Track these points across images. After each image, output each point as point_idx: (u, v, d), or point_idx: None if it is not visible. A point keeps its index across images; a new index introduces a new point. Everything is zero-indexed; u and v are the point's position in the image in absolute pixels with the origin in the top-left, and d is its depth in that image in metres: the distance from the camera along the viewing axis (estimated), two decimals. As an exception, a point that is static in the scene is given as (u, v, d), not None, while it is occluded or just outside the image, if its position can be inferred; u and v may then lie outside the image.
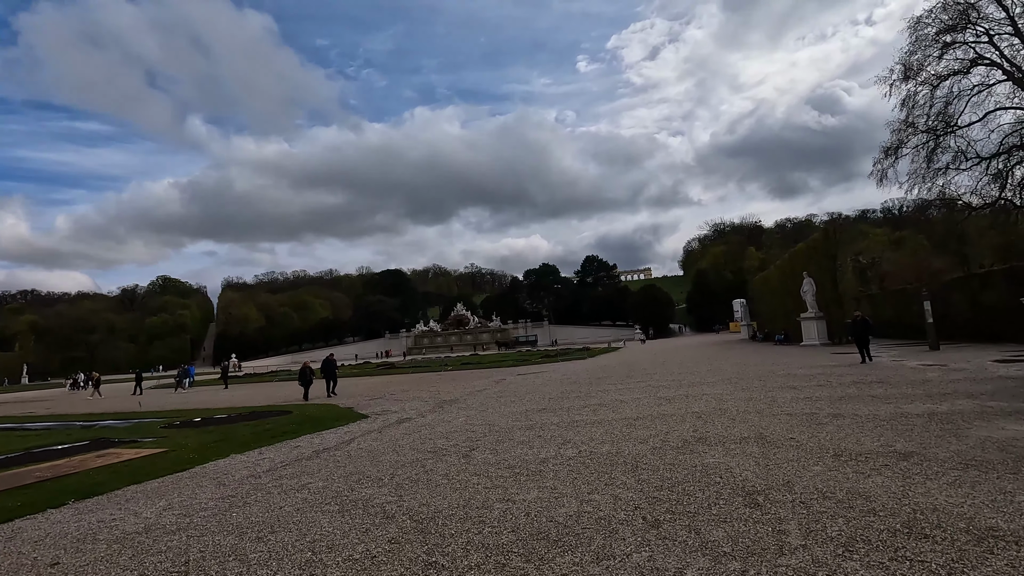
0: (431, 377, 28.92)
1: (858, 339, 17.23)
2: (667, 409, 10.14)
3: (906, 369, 13.89)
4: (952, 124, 37.70)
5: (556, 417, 10.28)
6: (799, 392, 10.87)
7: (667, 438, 7.44)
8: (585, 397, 13.19)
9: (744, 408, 9.49)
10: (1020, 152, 36.51)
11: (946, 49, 37.22)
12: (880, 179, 40.56)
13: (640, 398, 12.08)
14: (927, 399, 9.10)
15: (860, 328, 17.27)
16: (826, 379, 12.82)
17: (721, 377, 15.28)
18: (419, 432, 9.98)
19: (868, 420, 7.65)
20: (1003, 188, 36.52)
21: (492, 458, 7.10)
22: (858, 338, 17.22)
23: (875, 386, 10.98)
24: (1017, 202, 36.78)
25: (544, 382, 19.08)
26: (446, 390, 19.18)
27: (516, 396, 15.01)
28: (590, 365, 27.77)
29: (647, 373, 18.98)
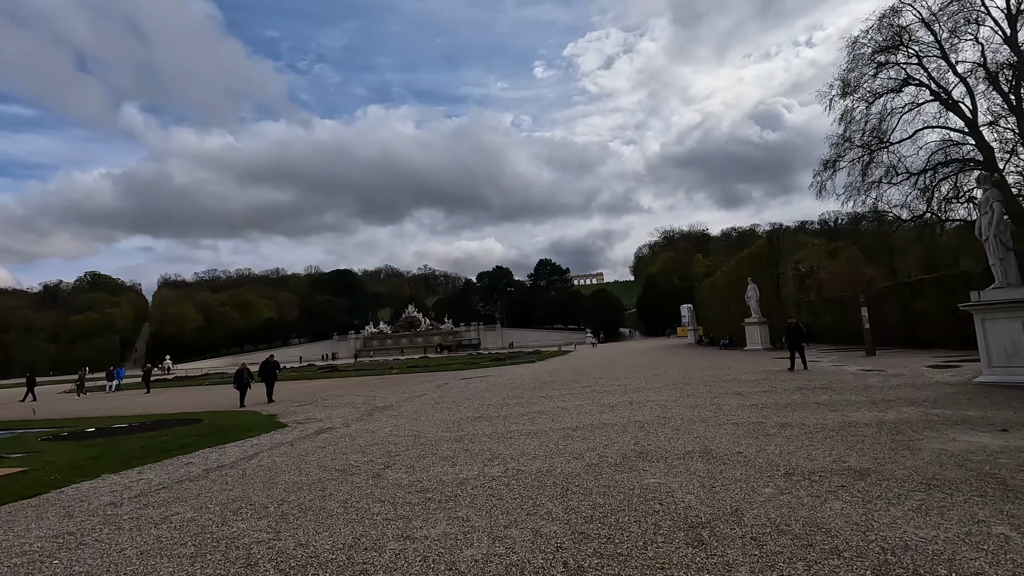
0: (373, 381, 27.49)
1: (792, 345, 16.65)
2: (609, 418, 9.43)
3: (847, 375, 13.83)
4: (885, 140, 39.48)
5: (490, 427, 9.39)
6: (745, 399, 10.44)
7: (605, 452, 6.68)
8: (526, 404, 12.37)
9: (689, 417, 8.89)
10: (945, 169, 38.66)
11: (880, 68, 38.95)
12: (819, 191, 42.03)
13: (583, 405, 11.37)
14: (872, 406, 8.77)
15: (794, 334, 16.72)
16: (771, 385, 12.52)
17: (667, 382, 14.83)
18: (336, 444, 8.86)
19: (817, 430, 7.16)
20: (929, 203, 38.51)
21: (406, 479, 6.12)
22: (792, 344, 16.66)
23: (820, 392, 10.68)
24: (941, 216, 38.94)
25: (488, 387, 18.18)
26: (383, 395, 17.97)
27: (454, 402, 14.05)
28: (538, 369, 27.08)
29: (593, 378, 18.41)
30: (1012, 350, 10.56)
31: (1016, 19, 34.26)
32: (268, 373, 19.07)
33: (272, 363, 19.63)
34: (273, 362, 19.75)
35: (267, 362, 19.62)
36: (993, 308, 10.89)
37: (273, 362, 19.75)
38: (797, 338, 16.50)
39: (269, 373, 19.09)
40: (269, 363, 19.55)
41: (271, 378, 19.07)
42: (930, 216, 38.64)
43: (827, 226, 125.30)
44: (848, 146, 40.91)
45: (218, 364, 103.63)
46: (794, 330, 16.82)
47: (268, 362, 19.62)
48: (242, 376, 18.29)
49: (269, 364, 19.47)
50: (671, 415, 9.19)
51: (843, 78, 40.34)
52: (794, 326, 17.00)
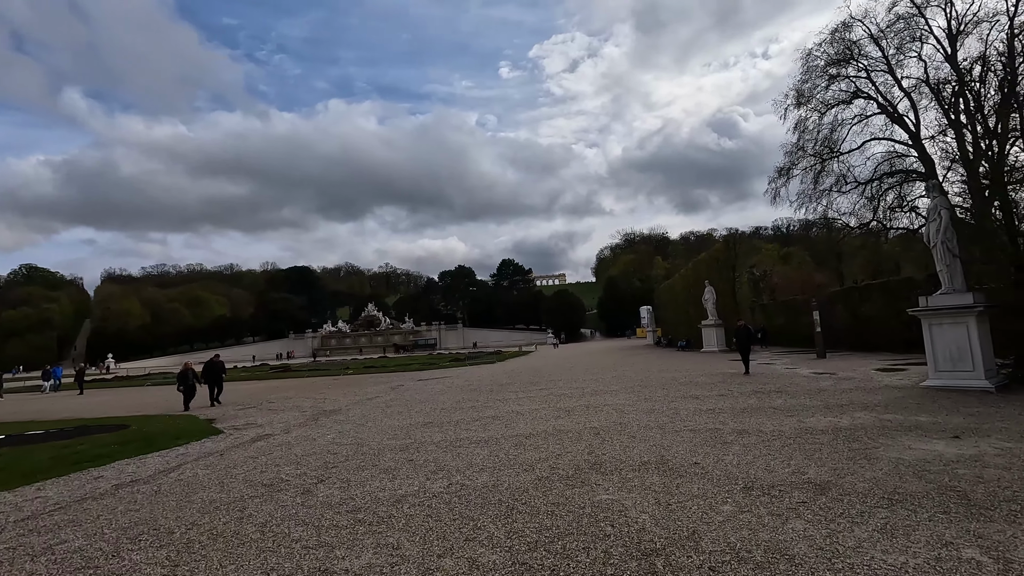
0: (325, 382, 26.43)
1: (741, 348, 16.41)
2: (565, 423, 9.06)
3: (800, 378, 13.95)
4: (835, 150, 40.91)
5: (440, 434, 8.87)
6: (701, 403, 10.27)
7: (558, 464, 6.28)
8: (481, 408, 11.89)
9: (645, 423, 8.61)
10: (890, 179, 40.40)
11: (832, 81, 40.31)
12: (774, 197, 43.17)
13: (538, 409, 10.98)
14: (827, 411, 8.71)
15: (743, 336, 16.53)
16: (727, 388, 12.46)
17: (624, 385, 14.63)
18: (270, 454, 8.15)
19: (774, 438, 6.96)
20: (875, 211, 40.15)
21: (338, 496, 5.55)
22: (741, 347, 16.41)
23: (775, 396, 10.63)
24: (886, 224, 40.67)
25: (444, 389, 17.61)
26: (333, 398, 17.14)
27: (406, 406, 13.44)
28: (497, 370, 26.64)
29: (552, 380, 18.09)
30: (957, 354, 10.77)
31: (956, 38, 35.94)
32: (213, 374, 17.76)
33: (218, 363, 18.27)
34: (219, 362, 18.40)
35: (212, 362, 18.25)
36: (940, 313, 11.10)
37: (219, 362, 18.40)
38: (746, 341, 16.33)
39: (214, 374, 17.78)
40: (214, 363, 18.18)
41: (217, 380, 17.77)
42: (876, 224, 40.32)
43: (780, 232, 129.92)
44: (801, 155, 42.17)
45: (165, 363, 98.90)
46: (743, 333, 16.64)
47: (213, 362, 18.25)
48: (186, 377, 16.97)
49: (214, 364, 18.11)
50: (628, 421, 8.89)
51: (797, 89, 41.52)
52: (743, 329, 16.78)
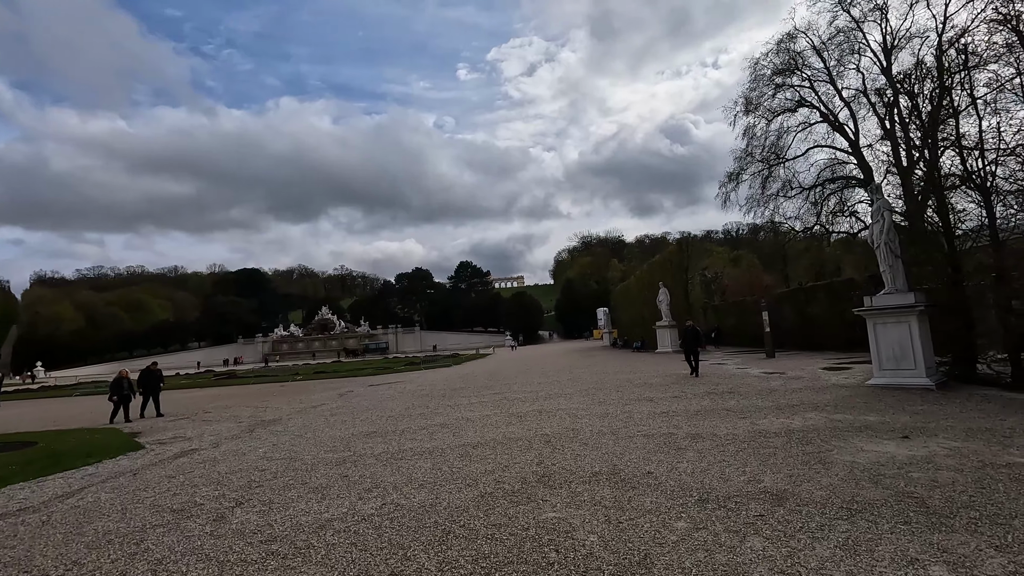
0: (272, 389, 25.15)
1: (687, 349, 15.84)
2: (516, 431, 8.63)
3: (751, 378, 14.03)
4: (782, 156, 42.46)
5: (382, 445, 8.27)
6: (656, 405, 10.06)
7: (504, 477, 5.83)
8: (430, 415, 11.32)
9: (599, 428, 8.28)
10: (831, 185, 42.21)
11: (778, 90, 41.84)
12: (724, 201, 44.46)
13: (490, 416, 10.50)
14: (779, 412, 8.63)
15: (690, 338, 15.96)
16: (681, 390, 12.35)
17: (579, 388, 14.36)
18: (190, 473, 7.36)
19: (728, 442, 6.75)
20: (818, 216, 41.91)
21: (255, 522, 4.91)
22: (687, 348, 15.86)
23: (728, 397, 10.54)
24: (829, 228, 42.48)
25: (394, 395, 16.89)
26: (276, 406, 16.16)
27: (352, 414, 12.71)
28: (452, 374, 26.03)
29: (506, 383, 17.67)
30: (900, 353, 10.99)
31: (891, 52, 37.89)
32: (150, 383, 16.29)
33: (155, 371, 16.74)
34: (156, 370, 16.86)
35: (148, 370, 16.72)
36: (884, 313, 11.31)
37: (156, 370, 16.86)
38: (693, 342, 15.78)
39: (151, 383, 16.31)
40: (151, 371, 16.65)
41: (154, 389, 16.32)
42: (819, 228, 42.10)
43: (730, 235, 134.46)
44: (750, 160, 43.62)
45: (101, 371, 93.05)
46: (690, 334, 16.09)
47: (150, 370, 16.71)
48: (120, 386, 15.45)
49: (151, 372, 16.58)
50: (580, 426, 8.54)
51: (746, 96, 42.91)
52: (690, 330, 16.26)
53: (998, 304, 10.90)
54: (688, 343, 15.95)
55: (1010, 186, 11.11)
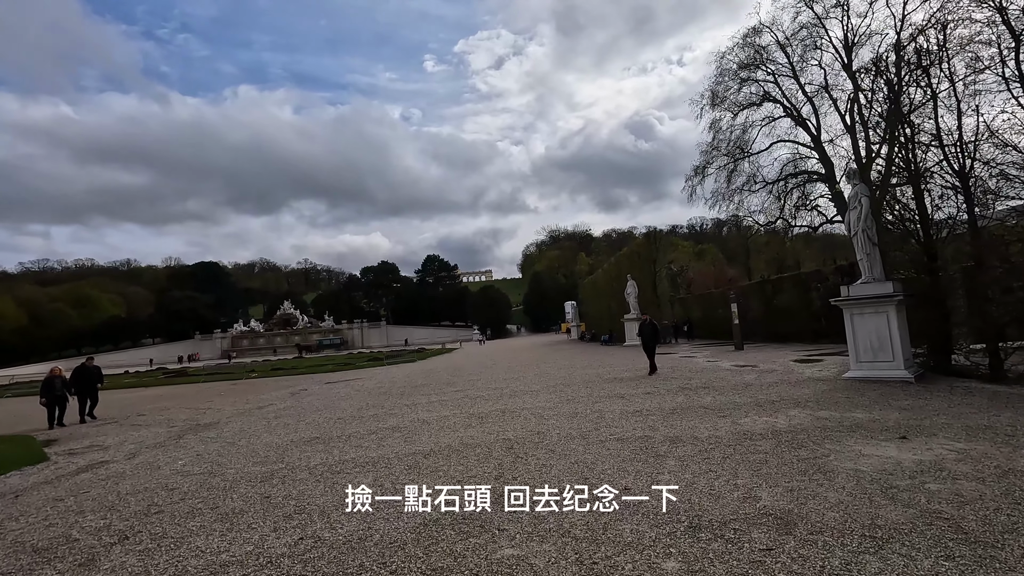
0: (222, 388, 23.53)
1: (645, 345, 14.41)
2: (475, 435, 7.72)
3: (724, 371, 13.49)
4: (746, 151, 42.75)
5: (322, 454, 7.24)
6: (628, 403, 9.32)
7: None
8: (383, 416, 10.29)
9: (567, 431, 7.45)
10: (794, 180, 42.73)
11: (743, 84, 41.94)
12: (690, 195, 44.50)
13: (448, 417, 9.55)
14: (759, 409, 7.98)
15: (648, 333, 14.51)
16: (652, 385, 11.67)
17: (546, 384, 13.54)
18: (84, 494, 6.17)
19: (712, 446, 6.00)
20: (782, 210, 42.40)
21: (131, 567, 3.85)
22: (645, 344, 14.42)
23: (703, 393, 9.89)
24: (791, 222, 43.04)
25: (350, 393, 15.74)
26: (218, 408, 14.82)
27: (298, 416, 11.57)
28: (415, 369, 24.93)
29: (470, 380, 16.73)
30: (878, 344, 10.55)
31: (851, 49, 38.42)
32: (85, 382, 14.37)
33: (90, 369, 14.69)
34: (92, 367, 14.82)
35: (83, 367, 14.68)
36: (861, 303, 10.85)
37: (92, 367, 14.82)
38: (651, 338, 14.41)
39: (87, 382, 14.39)
40: (86, 368, 14.64)
41: (90, 389, 14.42)
42: (781, 222, 42.63)
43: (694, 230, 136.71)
44: (716, 154, 43.74)
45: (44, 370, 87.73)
46: (648, 329, 14.58)
47: (85, 367, 14.69)
48: (52, 386, 13.69)
49: (86, 370, 14.56)
50: (547, 429, 7.70)
51: (712, 90, 42.90)
52: (648, 324, 14.84)
53: (977, 294, 10.58)
54: (646, 339, 14.50)
55: (989, 171, 10.79)
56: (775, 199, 42.70)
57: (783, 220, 42.72)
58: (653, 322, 15.15)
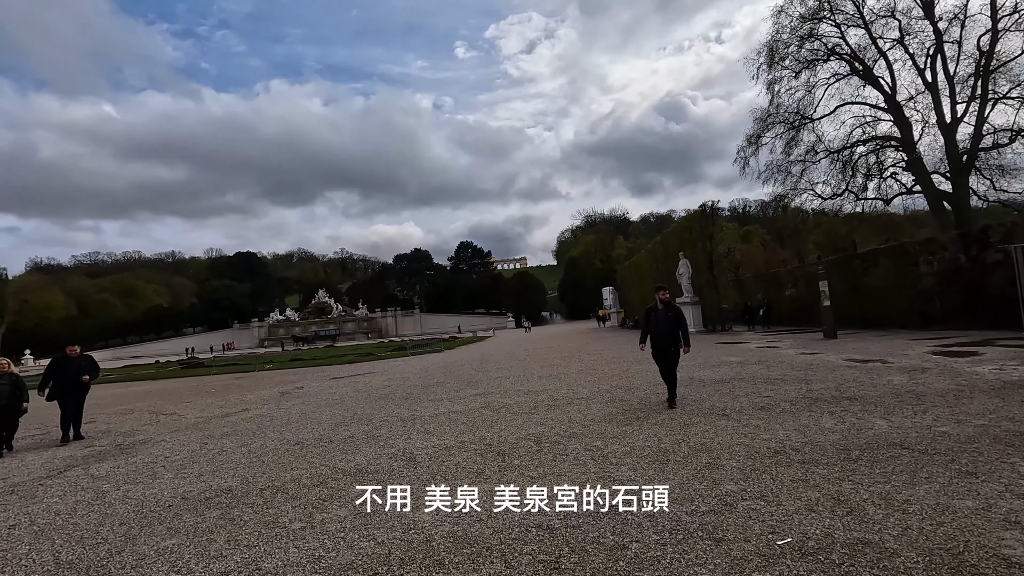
0: (221, 383, 20.98)
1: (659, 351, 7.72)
2: (486, 496, 4.36)
3: (844, 369, 9.64)
4: (809, 115, 37.82)
5: (191, 550, 4.05)
6: (741, 423, 5.79)
7: None
8: (361, 442, 6.97)
9: (660, 490, 4.01)
10: (864, 147, 37.48)
11: (805, 39, 37.03)
12: (743, 167, 40.04)
13: (452, 448, 6.09)
14: (1005, 448, 4.32)
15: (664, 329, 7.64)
16: (756, 391, 8.07)
17: (597, 386, 10.04)
18: None
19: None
20: (849, 181, 37.32)
21: None
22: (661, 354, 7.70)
23: (850, 409, 6.21)
24: (860, 194, 37.86)
25: (344, 396, 12.65)
26: (181, 413, 11.98)
27: (274, 425, 8.56)
28: (437, 362, 21.82)
29: (497, 379, 13.38)
30: None
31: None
32: (67, 379, 9.37)
33: (75, 359, 9.71)
34: (78, 358, 9.78)
35: (65, 358, 9.65)
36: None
37: (78, 358, 9.78)
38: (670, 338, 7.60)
39: (69, 379, 9.38)
40: (69, 359, 9.62)
41: (75, 390, 9.47)
42: (849, 195, 37.57)
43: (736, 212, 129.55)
44: (772, 121, 39.04)
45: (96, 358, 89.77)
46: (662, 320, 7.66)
47: (68, 357, 9.65)
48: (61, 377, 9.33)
49: (68, 361, 9.59)
50: (618, 476, 4.26)
51: (771, 46, 38.09)
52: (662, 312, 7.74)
53: None
54: (660, 341, 7.68)
55: None
56: (840, 169, 37.81)
57: (850, 192, 37.81)
58: (677, 307, 7.92)
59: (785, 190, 40.00)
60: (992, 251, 15.12)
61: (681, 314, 7.78)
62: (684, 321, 7.77)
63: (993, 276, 15.23)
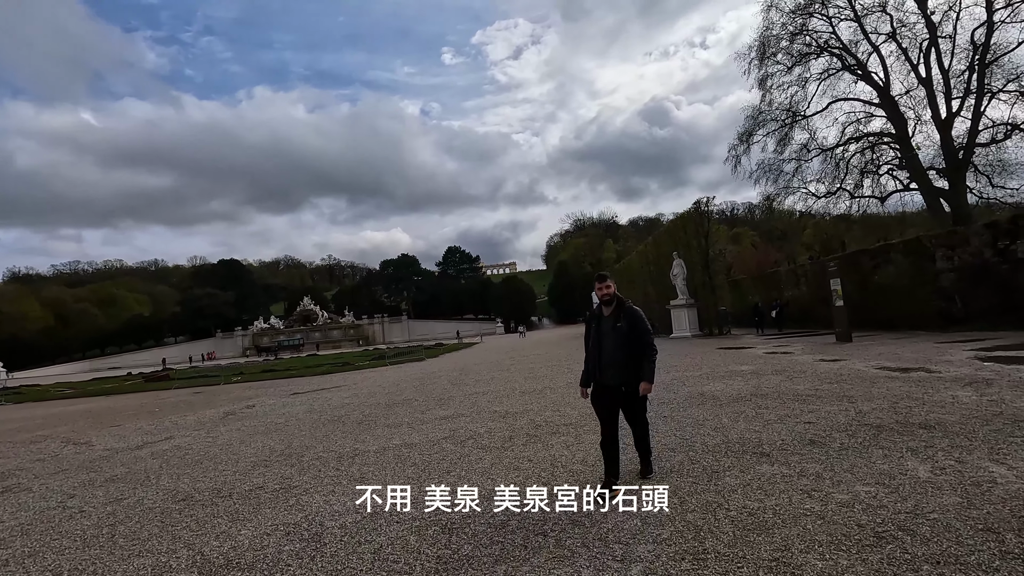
0: (182, 397, 18.93)
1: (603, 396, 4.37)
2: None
3: (883, 380, 7.98)
4: (800, 113, 36.69)
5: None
6: (786, 465, 4.08)
7: None
8: (276, 492, 5.22)
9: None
10: (857, 143, 36.30)
11: (795, 36, 35.96)
12: (734, 166, 38.80)
13: (382, 514, 4.42)
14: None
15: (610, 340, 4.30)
16: (790, 414, 6.38)
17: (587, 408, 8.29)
18: None
19: None
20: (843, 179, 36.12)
21: None
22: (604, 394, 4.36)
23: (927, 442, 4.56)
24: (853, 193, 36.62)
25: (303, 413, 10.82)
26: (133, 431, 10.11)
27: (182, 464, 6.68)
28: (414, 373, 19.94)
29: (474, 393, 11.59)
30: None
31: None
32: None
33: None
34: None
35: None
36: None
37: None
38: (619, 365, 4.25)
39: None
40: None
41: None
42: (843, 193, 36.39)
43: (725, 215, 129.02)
44: (764, 118, 37.91)
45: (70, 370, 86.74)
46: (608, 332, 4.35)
47: None
48: None
49: None
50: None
51: (762, 40, 36.93)
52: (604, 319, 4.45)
53: None
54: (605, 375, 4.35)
55: None
56: (834, 167, 36.64)
57: (844, 190, 36.61)
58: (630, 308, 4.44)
59: (777, 189, 38.78)
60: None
61: (641, 322, 4.25)
62: (647, 335, 4.23)
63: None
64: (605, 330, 4.36)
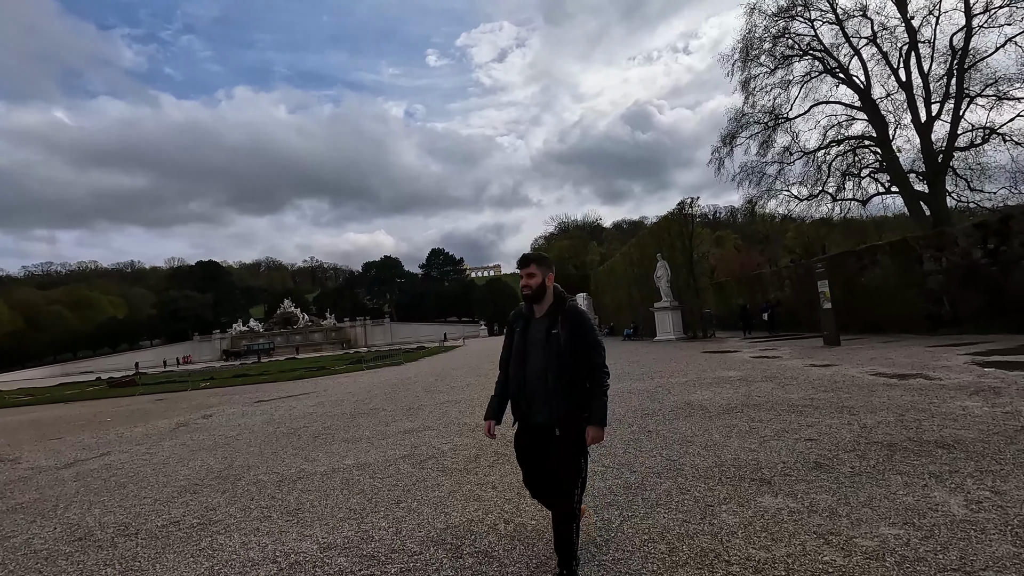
0: (140, 405, 17.85)
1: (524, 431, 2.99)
2: None
3: (883, 388, 7.42)
4: (782, 116, 36.71)
5: None
6: (807, 519, 3.44)
7: None
8: (191, 530, 4.46)
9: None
10: (839, 146, 36.36)
11: (777, 40, 35.99)
12: (717, 168, 38.73)
13: (308, 560, 3.68)
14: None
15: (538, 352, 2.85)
16: (792, 424, 5.76)
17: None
18: None
19: None
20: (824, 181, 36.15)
21: None
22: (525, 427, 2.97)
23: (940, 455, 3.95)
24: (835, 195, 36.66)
25: (259, 425, 9.96)
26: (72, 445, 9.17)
27: (105, 489, 5.83)
28: (388, 378, 19.08)
29: (446, 402, 10.84)
30: None
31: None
32: None
33: None
34: None
35: None
36: None
37: None
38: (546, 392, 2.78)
39: None
40: None
41: None
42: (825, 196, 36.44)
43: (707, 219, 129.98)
44: (747, 120, 37.90)
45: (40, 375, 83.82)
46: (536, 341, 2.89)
47: None
48: None
49: None
50: None
51: (745, 43, 36.86)
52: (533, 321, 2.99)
53: None
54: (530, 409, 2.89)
55: None
56: (816, 170, 36.70)
57: (826, 193, 36.65)
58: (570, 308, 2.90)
59: (760, 192, 38.73)
60: (1015, 244, 13.26)
61: (586, 330, 2.84)
62: (595, 349, 2.82)
63: (1016, 272, 13.38)
64: (534, 339, 2.88)
